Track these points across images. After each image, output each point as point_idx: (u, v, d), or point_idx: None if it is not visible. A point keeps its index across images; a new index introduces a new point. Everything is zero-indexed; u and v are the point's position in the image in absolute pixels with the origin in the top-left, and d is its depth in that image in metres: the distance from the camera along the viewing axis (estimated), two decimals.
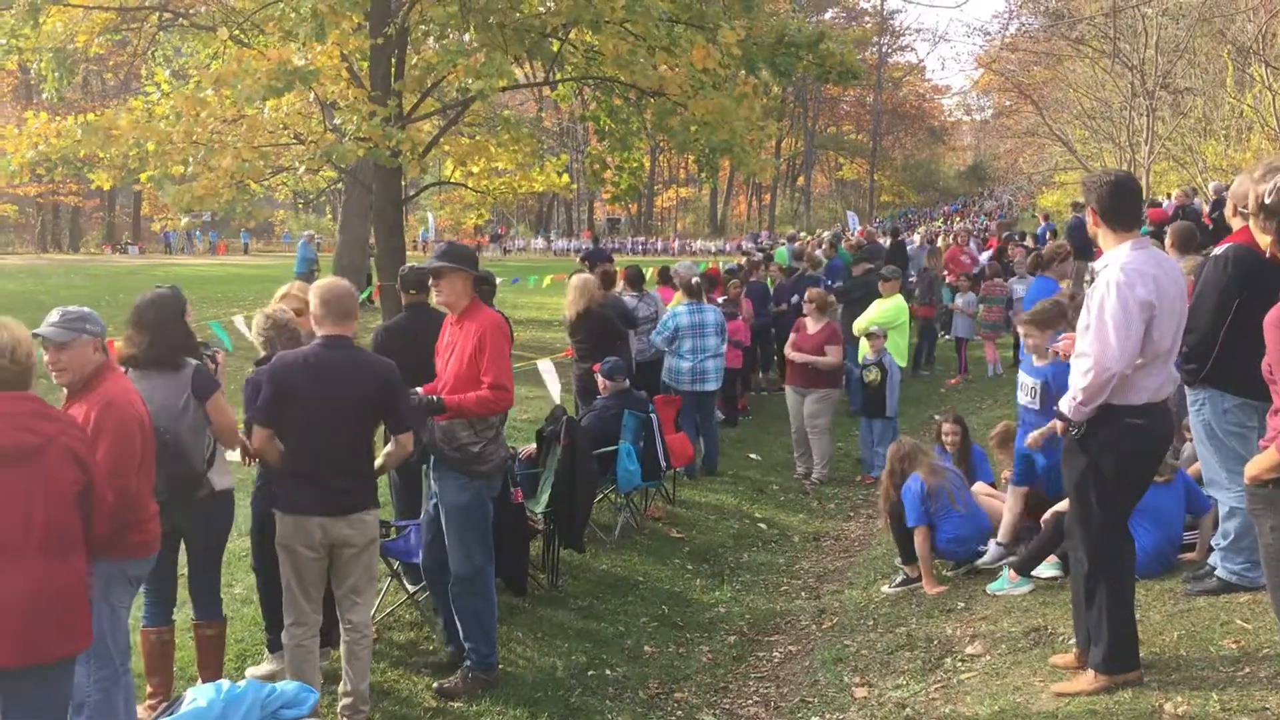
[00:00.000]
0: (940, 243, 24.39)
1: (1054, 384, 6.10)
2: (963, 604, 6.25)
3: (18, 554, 3.50)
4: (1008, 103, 56.57)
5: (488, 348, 5.20)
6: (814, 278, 14.77)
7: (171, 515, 4.85)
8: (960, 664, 5.33)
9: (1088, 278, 4.54)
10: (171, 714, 2.51)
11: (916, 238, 28.38)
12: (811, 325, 10.28)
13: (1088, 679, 4.49)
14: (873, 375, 10.04)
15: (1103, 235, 4.40)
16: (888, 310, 10.76)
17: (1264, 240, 3.54)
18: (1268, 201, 3.50)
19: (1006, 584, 6.23)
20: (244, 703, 2.53)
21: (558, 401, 9.75)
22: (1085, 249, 16.10)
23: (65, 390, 4.13)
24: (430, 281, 5.45)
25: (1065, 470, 4.68)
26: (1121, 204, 4.43)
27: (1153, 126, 32.20)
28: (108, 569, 4.06)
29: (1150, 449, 4.52)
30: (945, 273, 17.26)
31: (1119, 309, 4.16)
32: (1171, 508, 5.91)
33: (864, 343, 10.45)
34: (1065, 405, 4.43)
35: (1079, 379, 4.31)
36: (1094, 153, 39.39)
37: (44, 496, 3.54)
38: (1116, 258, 4.28)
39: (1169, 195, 23.98)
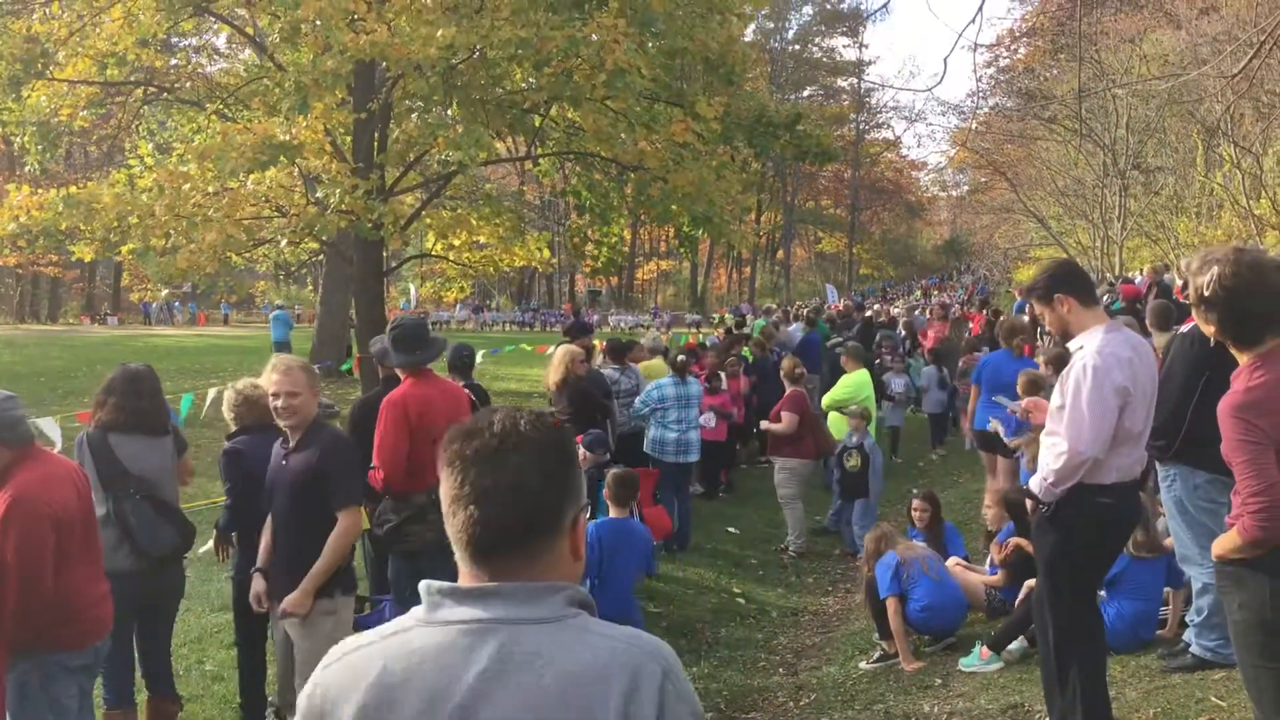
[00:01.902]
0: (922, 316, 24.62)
1: None
2: (940, 680, 6.23)
3: None
4: (983, 179, 57.44)
5: (378, 425, 5.37)
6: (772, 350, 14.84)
7: (152, 584, 4.85)
8: None
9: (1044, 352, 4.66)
10: None
11: (895, 311, 28.58)
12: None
13: None
14: (853, 461, 9.99)
15: (1075, 318, 4.47)
16: (849, 385, 10.78)
17: (1207, 330, 3.65)
18: (1206, 294, 3.61)
19: (977, 660, 6.23)
20: None
21: None
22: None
23: None
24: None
25: (1035, 547, 4.73)
26: (1087, 279, 4.71)
27: (1125, 204, 32.75)
28: (43, 662, 3.99)
29: (1119, 526, 4.59)
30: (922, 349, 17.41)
31: (1094, 394, 4.22)
32: (1152, 583, 5.96)
33: (844, 424, 10.45)
34: (1036, 485, 4.47)
35: (1050, 459, 4.35)
36: (1068, 229, 39.96)
37: None
38: (1091, 340, 4.35)
39: (1141, 271, 24.31)
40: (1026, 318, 16.47)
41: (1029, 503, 4.59)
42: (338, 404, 6.59)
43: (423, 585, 1.70)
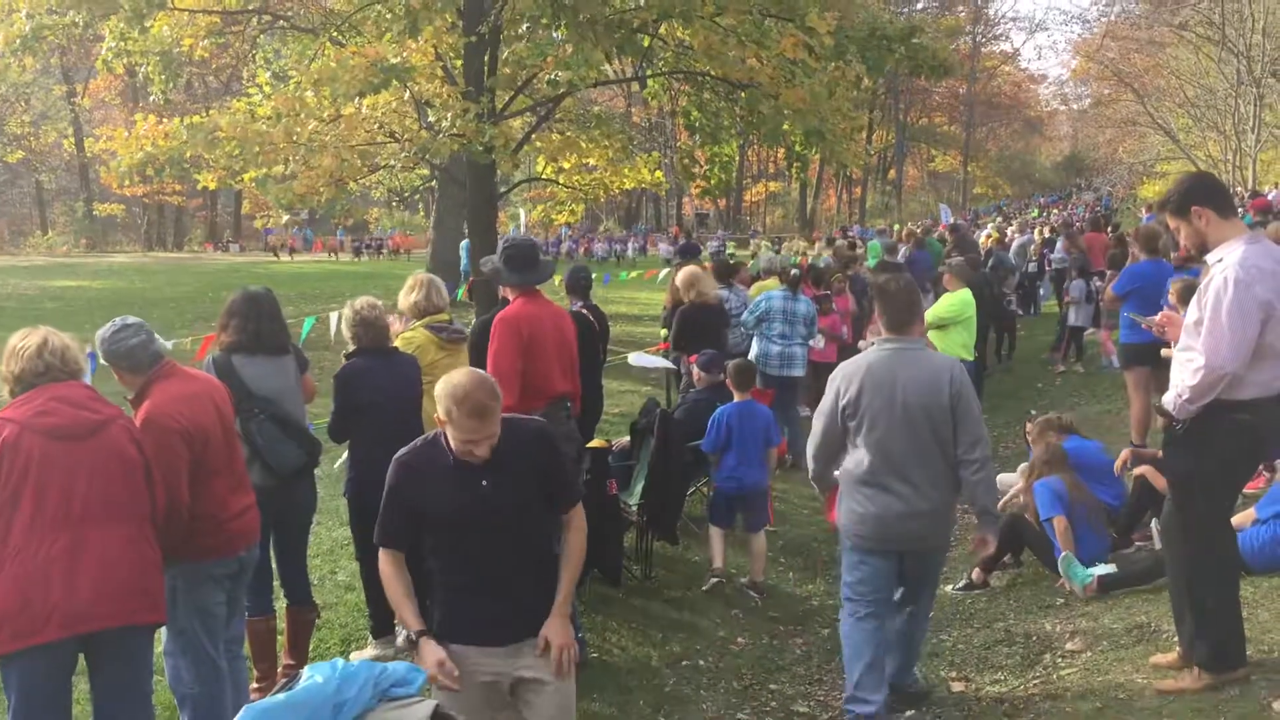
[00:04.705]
0: (1036, 235, 23.90)
1: None
2: (1062, 600, 6.16)
3: (107, 521, 3.71)
4: (1107, 91, 55.13)
5: (490, 344, 5.43)
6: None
7: (283, 499, 5.02)
8: (1060, 660, 5.27)
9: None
10: (289, 690, 2.62)
11: (1010, 232, 27.74)
12: None
13: (1192, 676, 4.41)
14: None
15: (1214, 231, 4.28)
16: (952, 303, 10.51)
17: None
18: None
19: (1079, 575, 6.09)
20: (358, 680, 2.63)
21: (671, 367, 9.78)
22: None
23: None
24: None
25: (1166, 465, 4.62)
26: (1224, 190, 4.52)
27: (1260, 114, 31.23)
28: (189, 570, 4.22)
29: (1257, 444, 4.42)
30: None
31: (1235, 307, 4.05)
32: None
33: (943, 342, 10.24)
34: (1170, 401, 4.33)
35: (1187, 375, 4.21)
36: (1198, 141, 38.31)
37: (118, 468, 3.78)
38: (1231, 253, 4.18)
39: (1277, 185, 23.21)
40: None
41: (1161, 420, 4.46)
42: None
43: (878, 339, 4.84)
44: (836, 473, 4.97)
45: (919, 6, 69.40)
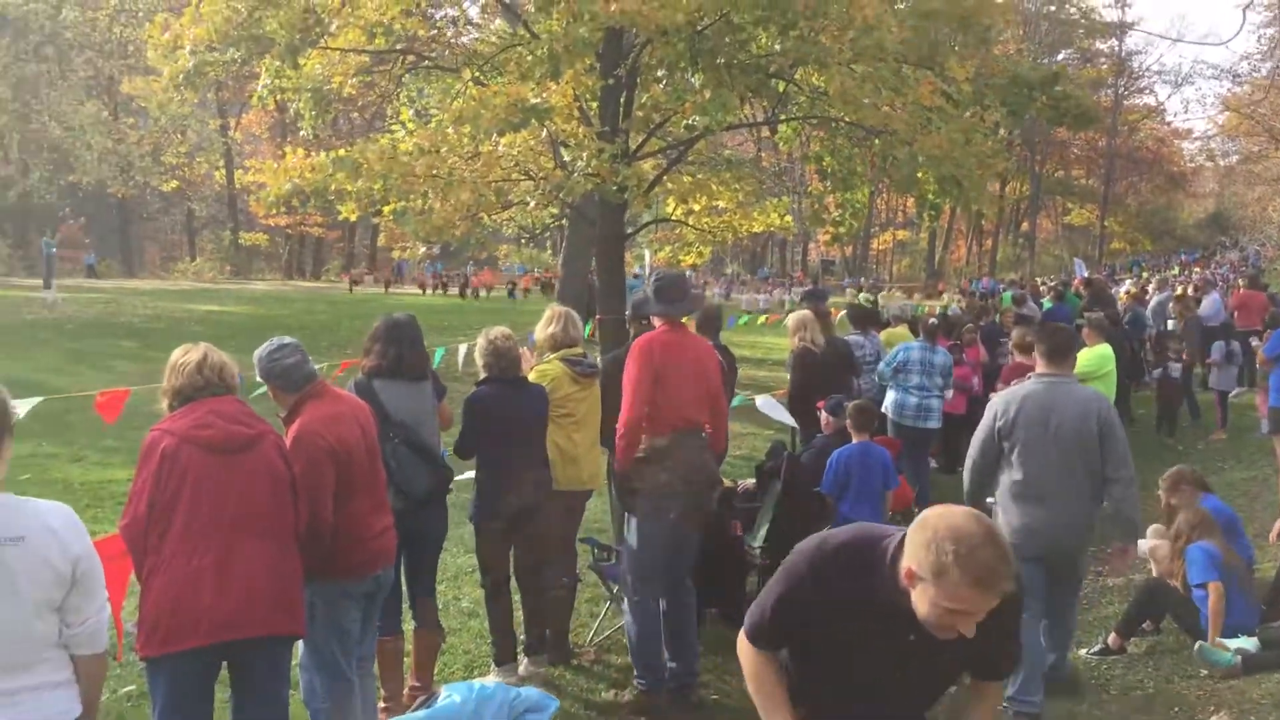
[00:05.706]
0: (1178, 293, 23.14)
1: None
2: (1204, 671, 5.87)
3: (255, 534, 3.81)
4: (1256, 148, 53.22)
5: (626, 369, 5.46)
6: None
7: (414, 523, 5.11)
8: None
9: None
10: (428, 707, 2.66)
11: (1151, 288, 26.89)
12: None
13: None
14: None
15: None
16: (1090, 359, 10.18)
17: None
18: None
19: (1218, 655, 5.78)
20: (494, 702, 2.67)
21: (795, 427, 9.68)
22: None
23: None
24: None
25: None
26: None
27: None
28: (328, 588, 4.30)
29: None
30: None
31: None
32: None
33: None
34: None
35: None
36: None
37: (267, 483, 3.88)
38: None
39: None
40: None
41: None
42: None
43: (1033, 374, 5.56)
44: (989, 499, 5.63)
45: (1060, 57, 68.11)
